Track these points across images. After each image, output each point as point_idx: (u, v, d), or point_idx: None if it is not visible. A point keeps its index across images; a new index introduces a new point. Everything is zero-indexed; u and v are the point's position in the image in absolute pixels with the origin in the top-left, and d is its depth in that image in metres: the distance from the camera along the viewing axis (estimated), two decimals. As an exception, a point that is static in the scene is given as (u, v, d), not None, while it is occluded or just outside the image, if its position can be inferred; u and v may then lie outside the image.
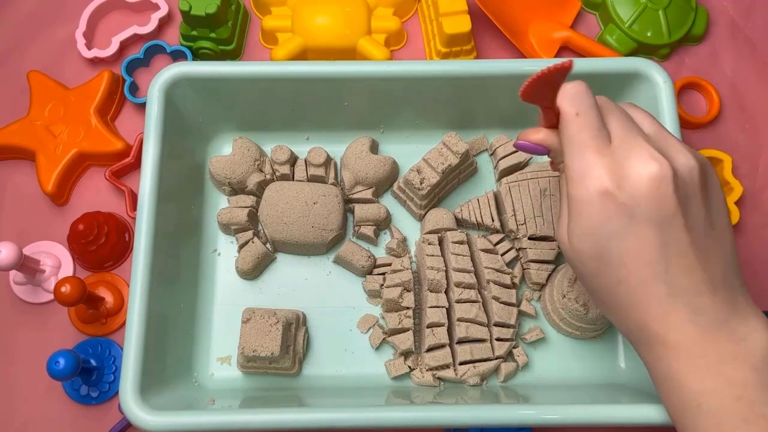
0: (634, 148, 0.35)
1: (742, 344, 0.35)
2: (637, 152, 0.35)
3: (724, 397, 0.34)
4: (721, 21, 0.65)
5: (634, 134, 0.36)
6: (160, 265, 0.48)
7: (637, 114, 0.39)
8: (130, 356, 0.45)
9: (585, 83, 0.37)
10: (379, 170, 0.55)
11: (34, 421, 0.53)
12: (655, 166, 0.34)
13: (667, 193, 0.34)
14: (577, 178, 0.35)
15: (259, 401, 0.50)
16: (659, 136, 0.37)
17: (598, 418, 0.43)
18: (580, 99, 0.36)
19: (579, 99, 0.36)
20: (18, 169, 0.59)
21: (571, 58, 0.34)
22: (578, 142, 0.36)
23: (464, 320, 0.50)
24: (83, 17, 0.63)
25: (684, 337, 0.35)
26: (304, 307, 0.53)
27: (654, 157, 0.34)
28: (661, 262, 0.35)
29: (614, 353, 0.53)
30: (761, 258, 0.58)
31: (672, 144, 0.37)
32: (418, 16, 0.65)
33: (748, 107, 0.62)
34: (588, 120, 0.36)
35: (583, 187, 0.35)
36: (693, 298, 0.35)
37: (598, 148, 0.35)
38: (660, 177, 0.34)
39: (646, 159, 0.34)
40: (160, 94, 0.51)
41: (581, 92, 0.37)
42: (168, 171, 0.50)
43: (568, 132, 0.36)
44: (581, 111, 0.36)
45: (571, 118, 0.36)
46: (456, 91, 0.54)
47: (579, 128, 0.36)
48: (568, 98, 0.37)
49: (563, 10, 0.64)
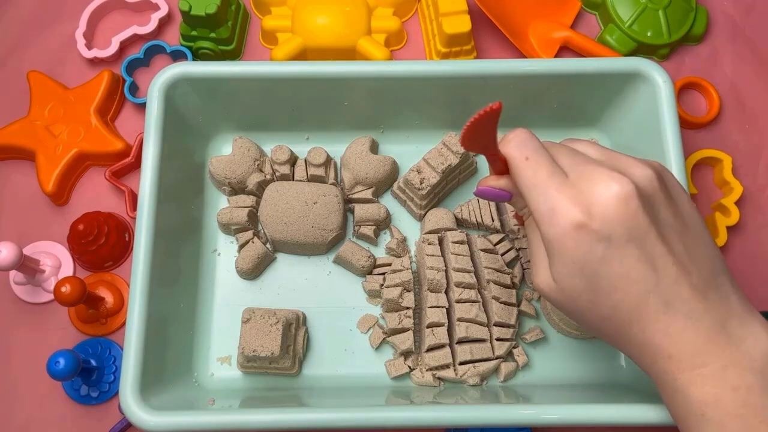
0: (592, 175, 0.35)
1: (742, 347, 0.35)
2: (595, 177, 0.35)
3: (729, 405, 0.34)
4: (721, 21, 0.65)
5: (586, 162, 0.36)
6: (160, 265, 0.48)
7: (579, 145, 0.39)
8: (130, 356, 0.45)
9: (525, 129, 0.38)
10: (379, 170, 0.55)
11: (34, 421, 0.53)
12: (616, 185, 0.34)
13: (636, 208, 0.34)
14: (547, 218, 0.35)
15: (259, 401, 0.50)
16: (608, 157, 0.37)
17: (598, 418, 0.43)
18: (524, 144, 0.37)
19: (524, 144, 0.37)
20: (18, 169, 0.59)
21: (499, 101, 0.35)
22: (536, 184, 0.36)
23: (464, 320, 0.50)
24: (83, 17, 0.63)
25: (685, 347, 0.35)
26: (304, 307, 0.53)
27: (612, 177, 0.34)
28: (649, 277, 0.35)
29: (614, 353, 0.53)
30: (761, 258, 0.58)
31: (623, 160, 0.37)
32: (418, 16, 0.65)
33: (748, 107, 0.62)
34: (539, 161, 0.36)
35: (555, 225, 0.35)
36: (688, 306, 0.35)
37: (558, 185, 0.35)
38: (624, 194, 0.34)
39: (606, 181, 0.34)
40: (160, 94, 0.51)
41: (524, 137, 0.37)
42: (168, 171, 0.50)
43: (523, 177, 0.36)
44: (529, 154, 0.36)
45: (522, 163, 0.36)
46: (456, 91, 0.54)
47: (533, 171, 0.36)
48: (513, 145, 0.37)
49: (563, 10, 0.64)
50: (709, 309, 0.35)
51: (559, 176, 0.36)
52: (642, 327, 0.35)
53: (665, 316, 0.35)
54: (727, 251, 0.57)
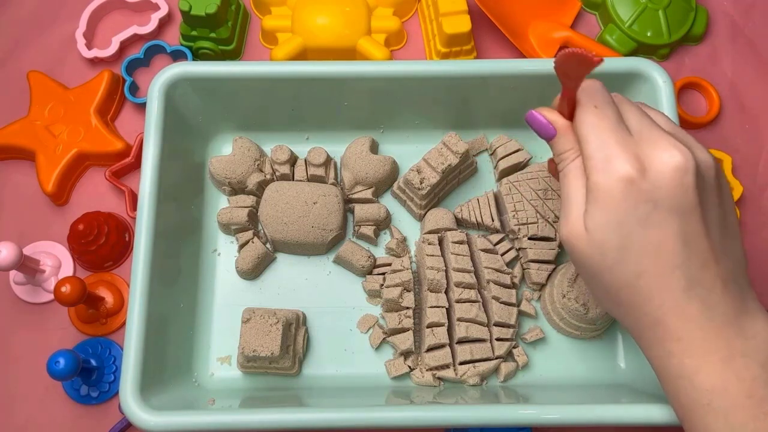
0: (657, 139, 0.35)
1: (752, 341, 0.35)
2: (660, 143, 0.35)
3: (735, 394, 0.34)
4: (721, 21, 0.65)
5: (655, 127, 0.36)
6: (160, 265, 0.48)
7: (653, 112, 0.39)
8: (130, 356, 0.45)
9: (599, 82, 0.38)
10: (379, 170, 0.55)
11: (34, 421, 0.53)
12: (679, 156, 0.34)
13: (690, 184, 0.34)
14: (601, 165, 0.35)
15: (259, 401, 0.50)
16: (677, 132, 0.38)
17: (598, 418, 0.43)
18: (596, 93, 0.37)
19: (596, 93, 0.37)
20: (18, 169, 0.59)
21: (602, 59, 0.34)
22: (600, 131, 0.36)
23: (464, 320, 0.50)
24: (83, 17, 0.63)
25: (698, 332, 0.35)
26: (304, 307, 0.53)
27: (678, 147, 0.35)
28: (681, 253, 0.35)
29: (614, 353, 0.53)
30: (761, 258, 0.58)
31: (690, 140, 0.37)
32: (418, 16, 0.65)
33: (748, 107, 0.62)
34: (606, 112, 0.36)
35: (608, 174, 0.35)
36: (707, 293, 0.35)
37: (621, 138, 0.35)
38: (684, 167, 0.34)
39: (670, 149, 0.35)
40: (160, 94, 0.51)
41: (598, 88, 0.37)
42: (168, 171, 0.50)
43: (588, 120, 0.36)
44: (599, 104, 0.37)
45: (591, 109, 0.37)
46: (456, 91, 0.54)
47: (599, 119, 0.36)
48: (585, 92, 0.37)
49: (563, 10, 0.64)
50: (726, 301, 0.35)
51: (623, 131, 0.36)
52: (659, 303, 0.35)
53: (684, 296, 0.35)
54: (727, 251, 0.57)
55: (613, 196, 0.35)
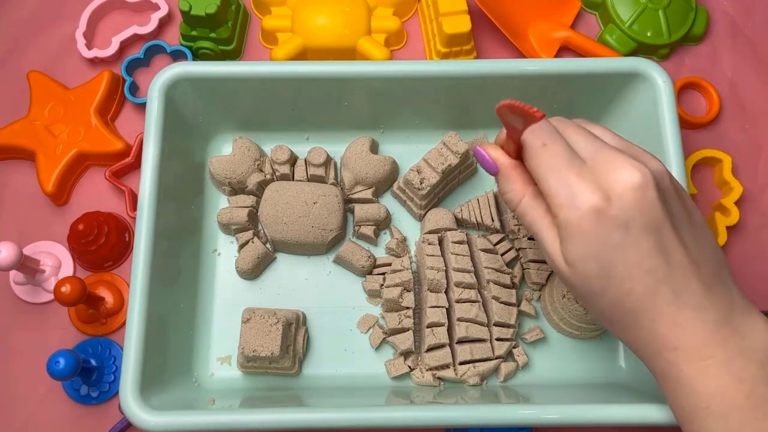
0: (612, 161, 0.35)
1: (746, 340, 0.35)
2: (615, 164, 0.35)
3: (734, 396, 0.34)
4: (721, 21, 0.65)
5: (605, 148, 0.36)
6: (160, 265, 0.48)
7: (596, 129, 0.39)
8: (130, 356, 0.45)
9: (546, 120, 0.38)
10: (379, 170, 0.55)
11: (34, 421, 0.53)
12: (637, 174, 0.35)
13: (653, 198, 0.35)
14: (566, 202, 0.35)
15: (259, 401, 0.50)
16: (624, 146, 0.38)
17: (598, 418, 0.43)
18: (542, 132, 0.37)
19: (541, 132, 0.37)
20: (18, 169, 0.59)
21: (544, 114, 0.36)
22: (555, 168, 0.36)
23: (464, 320, 0.50)
24: (83, 17, 0.63)
25: (692, 338, 0.35)
26: (304, 307, 0.53)
27: (633, 165, 0.35)
28: (662, 266, 0.35)
29: (614, 353, 0.53)
30: (761, 258, 0.58)
31: (638, 152, 0.37)
32: (418, 16, 0.65)
33: (748, 107, 0.62)
34: (557, 147, 0.36)
35: (574, 209, 0.35)
36: (695, 299, 0.35)
37: (577, 170, 0.36)
38: (644, 184, 0.35)
39: (626, 168, 0.35)
40: (160, 94, 0.51)
41: (543, 126, 0.37)
42: (168, 171, 0.50)
43: (541, 161, 0.37)
44: (547, 141, 0.37)
45: (540, 150, 0.37)
46: (456, 91, 0.54)
47: (551, 156, 0.36)
48: (530, 133, 0.37)
49: (563, 10, 0.64)
50: (715, 302, 0.35)
51: (578, 162, 0.36)
52: (651, 317, 0.35)
53: (674, 307, 0.35)
54: (727, 251, 0.57)
55: (585, 229, 0.35)
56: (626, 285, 0.35)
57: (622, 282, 0.35)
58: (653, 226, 0.35)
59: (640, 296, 0.35)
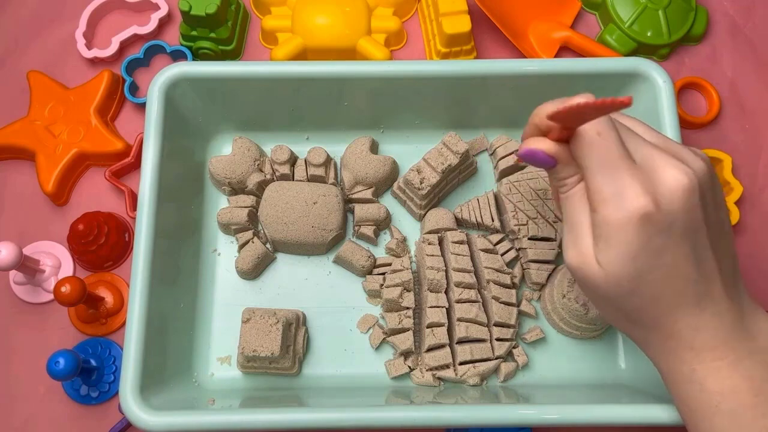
0: (659, 164, 0.34)
1: (755, 341, 0.35)
2: (663, 167, 0.34)
3: (743, 395, 0.34)
4: (721, 21, 0.65)
5: (651, 148, 0.35)
6: (160, 265, 0.48)
7: (638, 126, 0.38)
8: (130, 356, 0.45)
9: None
10: (379, 170, 0.55)
11: (34, 421, 0.53)
12: (684, 178, 0.33)
13: (696, 203, 0.34)
14: (612, 200, 0.34)
15: (259, 401, 0.50)
16: (666, 144, 0.36)
17: (598, 418, 0.43)
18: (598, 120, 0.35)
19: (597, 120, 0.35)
20: (18, 169, 0.59)
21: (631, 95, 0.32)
22: (609, 163, 0.34)
23: (464, 320, 0.50)
24: (83, 17, 0.63)
25: (710, 340, 0.35)
26: (304, 307, 0.53)
27: (679, 168, 0.34)
28: (694, 272, 0.35)
29: (614, 353, 0.53)
30: (761, 258, 0.58)
31: (679, 150, 0.36)
32: (418, 16, 0.65)
33: (748, 107, 0.62)
34: (611, 140, 0.34)
35: (622, 209, 0.33)
36: (716, 303, 0.35)
37: (630, 168, 0.34)
38: (691, 188, 0.33)
39: (675, 173, 0.33)
40: (160, 94, 0.51)
41: None
42: (168, 171, 0.50)
43: (594, 152, 0.34)
44: (602, 131, 0.34)
45: (595, 139, 0.34)
46: (456, 91, 0.54)
47: (606, 149, 0.34)
48: None
49: (563, 10, 0.64)
50: (732, 306, 0.36)
51: (629, 160, 0.34)
52: (674, 320, 0.35)
53: (697, 310, 0.35)
54: (727, 251, 0.57)
55: (627, 232, 0.33)
56: (657, 288, 0.35)
57: (654, 286, 0.35)
58: (692, 231, 0.34)
59: (669, 299, 0.35)
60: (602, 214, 0.34)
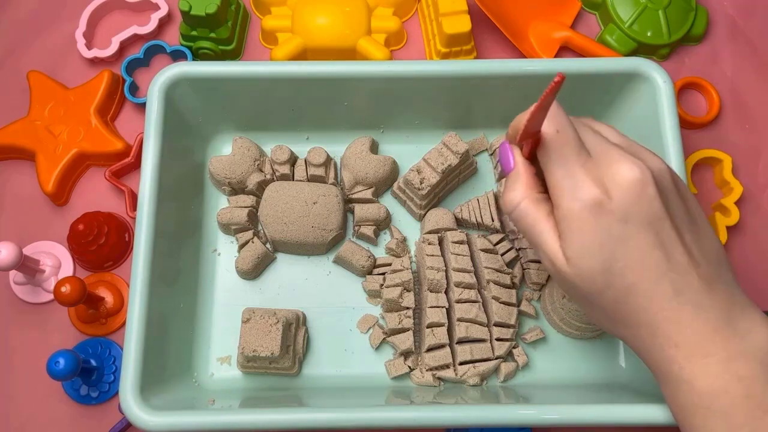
0: (614, 157, 0.36)
1: (747, 339, 0.35)
2: (617, 160, 0.36)
3: (734, 395, 0.34)
4: (721, 21, 0.65)
5: (609, 145, 0.37)
6: (160, 265, 0.48)
7: (602, 128, 0.40)
8: (130, 356, 0.45)
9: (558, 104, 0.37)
10: (379, 170, 0.55)
11: (34, 421, 0.53)
12: (636, 170, 0.35)
13: (652, 194, 0.35)
14: (569, 193, 0.36)
15: (259, 401, 0.50)
16: (627, 145, 0.38)
17: (598, 418, 0.43)
18: (557, 118, 0.37)
19: (556, 118, 0.37)
20: (18, 169, 0.59)
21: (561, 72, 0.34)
22: (563, 158, 0.36)
23: (464, 320, 0.50)
24: (83, 17, 0.63)
25: (693, 336, 0.35)
26: (304, 307, 0.53)
27: (633, 161, 0.35)
28: (663, 262, 0.35)
29: (614, 353, 0.53)
30: (761, 258, 0.58)
31: (640, 150, 0.38)
32: (418, 16, 0.65)
33: (748, 107, 0.62)
34: (568, 136, 0.37)
35: (576, 200, 0.35)
36: (696, 296, 0.35)
37: (583, 162, 0.36)
38: (643, 180, 0.35)
39: (627, 165, 0.35)
40: (160, 94, 0.51)
41: (557, 112, 0.37)
42: (168, 171, 0.50)
43: (551, 149, 0.37)
44: (560, 128, 0.37)
45: (554, 136, 0.37)
46: (456, 91, 0.54)
47: (561, 145, 0.36)
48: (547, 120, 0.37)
49: (563, 10, 0.64)
50: (716, 300, 0.36)
51: (585, 154, 0.36)
52: (653, 314, 0.36)
53: (675, 303, 0.35)
54: (727, 251, 0.57)
55: (586, 221, 0.35)
56: (628, 279, 0.35)
57: (623, 276, 0.35)
58: (652, 222, 0.35)
59: (642, 291, 0.35)
60: (563, 208, 0.36)
